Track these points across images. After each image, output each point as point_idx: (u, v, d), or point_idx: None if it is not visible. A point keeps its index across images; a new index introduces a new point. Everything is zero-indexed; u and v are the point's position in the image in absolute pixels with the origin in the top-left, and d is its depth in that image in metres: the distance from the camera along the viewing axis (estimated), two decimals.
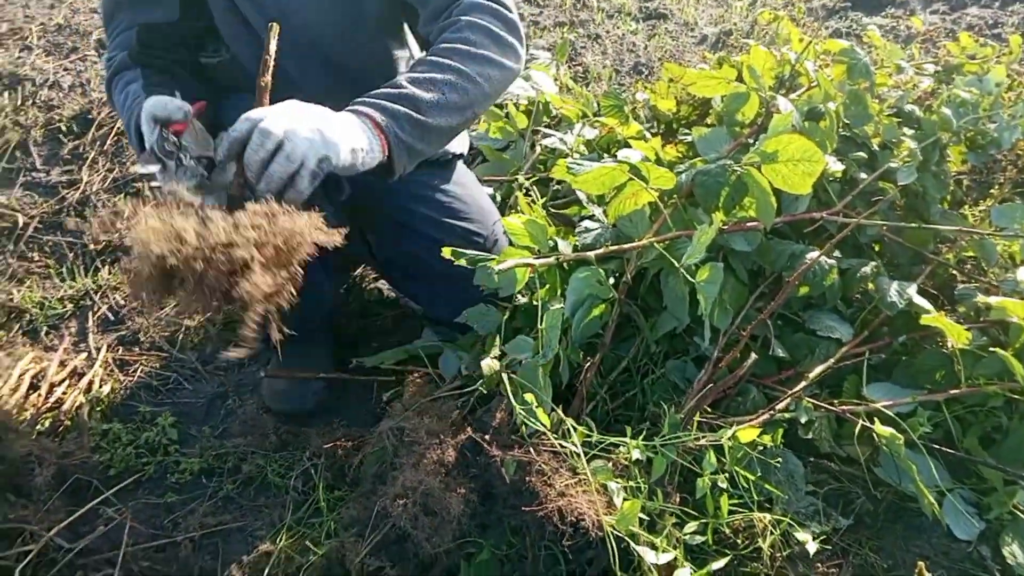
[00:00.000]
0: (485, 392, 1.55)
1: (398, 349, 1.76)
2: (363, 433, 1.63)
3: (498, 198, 2.09)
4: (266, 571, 1.42)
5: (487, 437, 1.41)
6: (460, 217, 1.76)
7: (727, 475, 1.31)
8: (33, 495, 1.53)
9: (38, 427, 1.70)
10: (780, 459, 1.40)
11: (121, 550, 1.47)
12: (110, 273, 2.14)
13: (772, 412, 1.41)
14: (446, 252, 1.58)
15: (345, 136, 1.23)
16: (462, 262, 1.57)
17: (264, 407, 1.75)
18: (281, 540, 1.46)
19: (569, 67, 3.20)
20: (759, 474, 1.36)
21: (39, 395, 1.77)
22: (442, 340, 1.74)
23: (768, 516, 1.31)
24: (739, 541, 1.32)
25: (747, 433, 1.31)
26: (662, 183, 1.54)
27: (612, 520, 1.18)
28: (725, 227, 1.56)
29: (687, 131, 2.19)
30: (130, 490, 1.61)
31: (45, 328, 2.00)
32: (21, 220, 2.31)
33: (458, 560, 1.37)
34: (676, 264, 1.45)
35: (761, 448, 1.35)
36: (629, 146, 1.99)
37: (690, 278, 1.41)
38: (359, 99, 1.34)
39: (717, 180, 1.54)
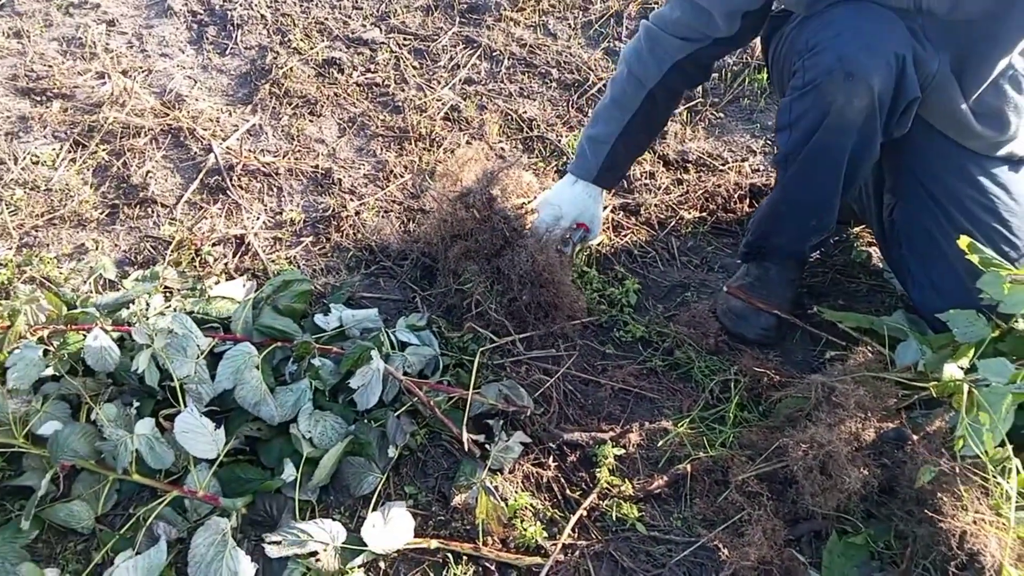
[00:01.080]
0: (933, 396, 1.46)
1: (863, 316, 1.72)
2: (793, 375, 1.65)
3: None
4: (660, 443, 1.57)
5: (916, 437, 1.35)
6: (997, 215, 1.61)
7: None
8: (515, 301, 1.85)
9: None
10: None
11: (560, 369, 1.73)
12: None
13: None
14: (962, 242, 1.47)
15: None
16: (974, 259, 1.46)
17: (714, 312, 1.86)
18: (682, 426, 1.60)
19: None
20: None
21: None
22: (911, 328, 1.65)
23: None
24: None
25: None
26: None
27: (1017, 574, 1.07)
28: None
29: None
30: (579, 329, 1.86)
31: None
32: (593, 78, 2.67)
33: (829, 530, 1.37)
34: None
35: None
36: None
37: None
38: None
39: None
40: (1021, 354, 1.42)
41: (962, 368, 1.47)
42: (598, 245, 2.08)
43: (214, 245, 2.03)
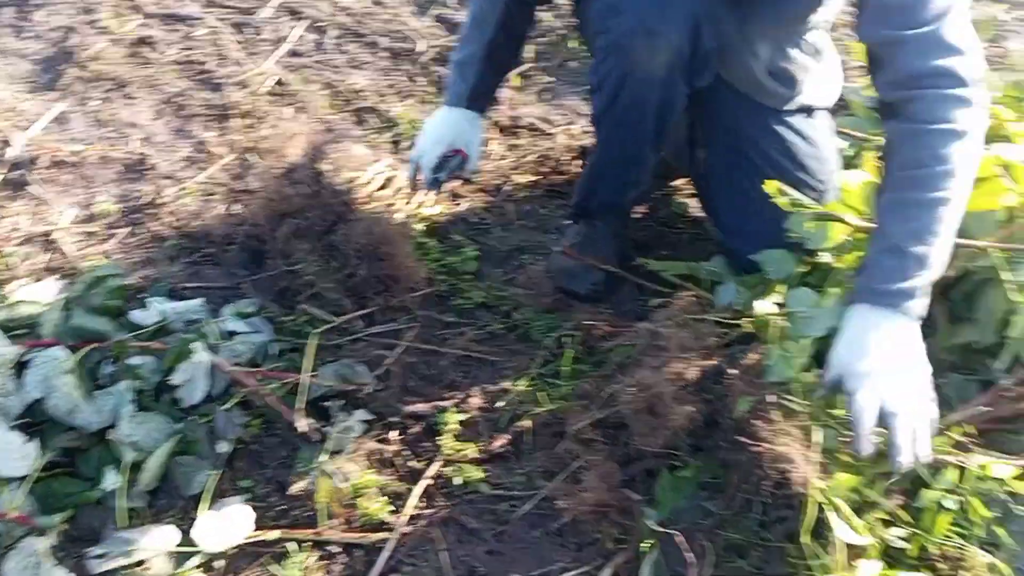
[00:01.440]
0: (751, 331, 1.54)
1: (684, 264, 1.79)
2: (623, 325, 1.70)
3: (848, 153, 1.98)
4: (501, 404, 1.59)
5: (733, 370, 1.42)
6: (796, 161, 1.71)
7: (959, 501, 1.21)
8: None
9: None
10: None
11: (401, 342, 1.71)
12: None
13: None
14: (769, 186, 1.55)
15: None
16: (783, 201, 1.54)
17: (548, 272, 1.89)
18: (521, 384, 1.62)
19: (987, 48, 2.81)
20: (995, 515, 1.23)
21: (384, 193, 2.07)
22: (729, 271, 1.74)
23: (987, 557, 1.19)
24: (942, 567, 1.23)
25: (1001, 469, 1.19)
26: None
27: (822, 485, 1.15)
28: None
29: None
30: (419, 300, 1.83)
31: (409, 143, 2.29)
32: (422, 46, 2.64)
33: (661, 466, 1.43)
34: (1006, 277, 1.30)
35: (1009, 491, 1.21)
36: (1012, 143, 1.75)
37: (1015, 297, 1.26)
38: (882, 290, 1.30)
39: None
40: (826, 285, 1.51)
41: (777, 304, 1.55)
42: (436, 215, 2.06)
43: (18, 245, 1.88)
